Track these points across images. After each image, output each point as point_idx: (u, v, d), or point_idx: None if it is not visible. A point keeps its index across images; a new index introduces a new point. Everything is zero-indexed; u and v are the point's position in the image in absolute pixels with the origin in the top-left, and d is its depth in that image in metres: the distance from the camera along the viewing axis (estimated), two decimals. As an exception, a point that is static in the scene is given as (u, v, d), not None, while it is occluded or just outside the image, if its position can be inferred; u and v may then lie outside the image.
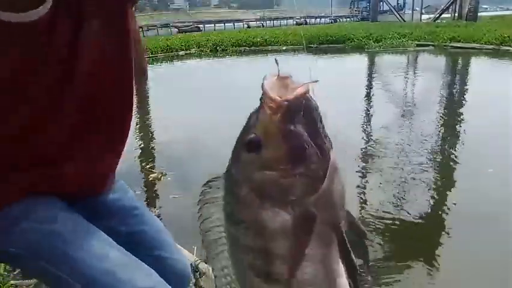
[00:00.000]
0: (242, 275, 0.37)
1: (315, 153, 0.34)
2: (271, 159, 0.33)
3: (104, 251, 0.82)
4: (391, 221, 2.68)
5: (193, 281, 1.91)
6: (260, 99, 0.36)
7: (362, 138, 4.58)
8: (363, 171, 3.60)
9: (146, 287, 0.81)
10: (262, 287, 0.36)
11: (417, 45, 14.17)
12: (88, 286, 0.77)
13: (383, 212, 2.79)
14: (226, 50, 15.52)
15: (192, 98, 6.95)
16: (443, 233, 2.57)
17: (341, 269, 0.36)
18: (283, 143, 0.33)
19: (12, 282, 1.81)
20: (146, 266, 0.86)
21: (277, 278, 0.34)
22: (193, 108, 6.16)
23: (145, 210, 1.04)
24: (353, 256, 0.34)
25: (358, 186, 3.29)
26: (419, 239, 2.54)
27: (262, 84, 0.35)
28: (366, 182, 3.38)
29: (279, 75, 0.34)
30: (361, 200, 3.04)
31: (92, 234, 0.84)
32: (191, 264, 1.89)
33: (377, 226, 2.63)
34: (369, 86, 8.15)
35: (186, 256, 2.04)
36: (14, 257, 0.78)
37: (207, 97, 6.99)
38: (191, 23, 26.96)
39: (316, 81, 0.35)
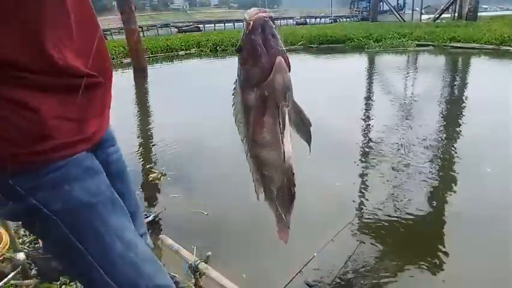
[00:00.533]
0: (245, 145, 0.60)
1: (264, 54, 0.50)
2: (244, 57, 0.51)
3: (134, 240, 0.79)
4: (391, 221, 2.68)
5: (193, 281, 1.91)
6: None
7: (362, 138, 4.58)
8: (362, 171, 3.60)
9: (162, 284, 0.80)
10: (252, 151, 0.58)
11: (417, 45, 14.15)
12: (110, 273, 0.74)
13: (383, 211, 2.79)
14: (226, 50, 15.51)
15: (192, 98, 6.95)
16: (442, 232, 2.58)
17: (287, 139, 0.56)
18: (248, 46, 0.50)
19: (12, 282, 1.81)
20: (159, 262, 0.85)
21: (256, 142, 0.57)
22: (193, 108, 6.16)
23: (129, 176, 1.01)
24: (287, 124, 0.55)
25: (358, 186, 3.29)
26: (418, 238, 2.54)
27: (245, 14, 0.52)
28: (366, 182, 3.38)
29: (258, 10, 0.52)
30: (361, 200, 3.04)
31: (126, 219, 0.80)
32: (191, 264, 1.89)
33: (377, 226, 2.63)
34: (369, 86, 8.15)
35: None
36: (43, 219, 0.70)
37: (206, 97, 6.98)
38: (191, 23, 26.94)
39: (268, 12, 0.52)
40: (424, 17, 27.47)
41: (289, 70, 0.53)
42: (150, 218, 2.76)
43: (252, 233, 2.60)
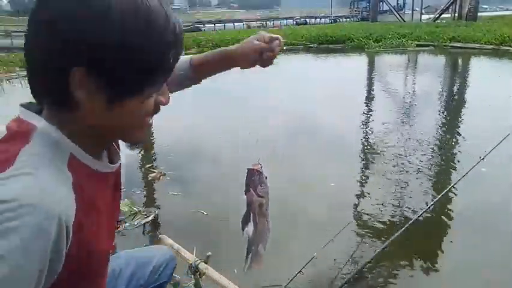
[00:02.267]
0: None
1: (247, 185, 0.89)
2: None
3: None
4: (391, 221, 2.68)
5: (193, 281, 1.91)
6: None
7: (362, 137, 4.58)
8: (362, 171, 3.60)
9: None
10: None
11: (417, 45, 14.16)
12: None
13: (383, 211, 2.79)
14: (226, 50, 15.49)
15: (192, 98, 6.94)
16: (442, 232, 2.58)
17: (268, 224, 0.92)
18: (247, 182, 0.89)
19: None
20: None
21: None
22: (193, 108, 6.16)
23: None
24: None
25: (358, 186, 3.29)
26: (418, 238, 2.54)
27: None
28: (366, 181, 3.38)
29: (257, 164, 0.89)
30: (361, 200, 3.04)
31: None
32: (191, 264, 1.89)
33: (377, 226, 2.63)
34: (369, 86, 8.16)
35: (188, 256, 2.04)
36: None
37: (206, 97, 6.98)
38: (191, 23, 26.96)
39: (260, 165, 0.90)
40: (424, 17, 27.50)
41: (259, 196, 0.89)
42: (150, 218, 2.76)
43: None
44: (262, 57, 0.91)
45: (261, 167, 0.90)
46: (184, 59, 0.99)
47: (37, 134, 0.56)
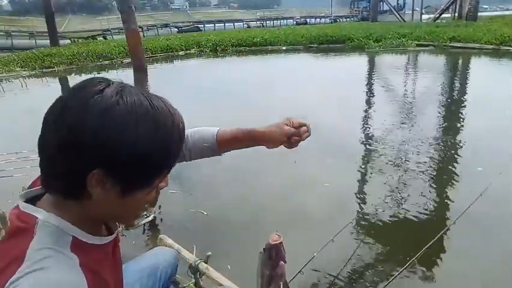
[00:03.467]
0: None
1: (272, 259, 0.89)
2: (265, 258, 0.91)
3: None
4: (391, 221, 2.68)
5: (193, 281, 1.91)
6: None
7: (362, 138, 4.58)
8: (363, 171, 3.60)
9: None
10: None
11: (417, 45, 14.15)
12: None
13: (383, 211, 2.79)
14: (226, 50, 15.51)
15: (192, 98, 6.95)
16: (442, 232, 2.57)
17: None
18: (274, 257, 0.89)
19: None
20: None
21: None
22: (193, 108, 6.16)
23: None
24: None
25: (358, 186, 3.29)
26: (419, 237, 2.53)
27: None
28: (367, 181, 3.38)
29: (274, 235, 0.88)
30: (361, 200, 3.04)
31: None
32: (191, 264, 1.89)
33: (377, 226, 2.63)
34: (369, 86, 8.15)
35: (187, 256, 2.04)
36: None
37: (206, 97, 6.99)
38: (191, 23, 26.97)
39: (278, 235, 0.89)
40: (424, 17, 27.48)
41: (285, 262, 0.90)
42: (150, 218, 2.76)
43: (251, 233, 2.60)
44: (290, 140, 0.96)
45: (280, 237, 0.91)
46: (210, 132, 1.05)
47: (39, 227, 0.59)
